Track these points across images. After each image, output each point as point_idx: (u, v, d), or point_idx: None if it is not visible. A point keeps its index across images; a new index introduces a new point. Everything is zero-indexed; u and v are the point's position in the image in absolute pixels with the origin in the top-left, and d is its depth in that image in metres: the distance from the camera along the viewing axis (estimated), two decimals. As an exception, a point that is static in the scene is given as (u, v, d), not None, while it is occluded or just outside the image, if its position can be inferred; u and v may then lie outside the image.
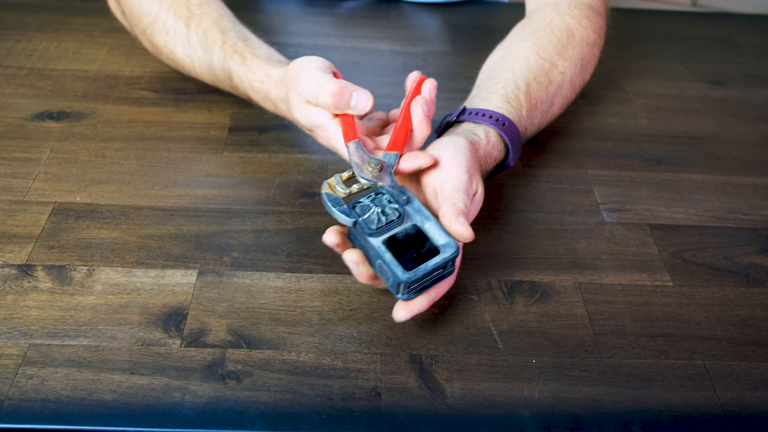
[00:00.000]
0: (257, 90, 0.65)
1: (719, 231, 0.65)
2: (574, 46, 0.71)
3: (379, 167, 0.53)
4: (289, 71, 0.59)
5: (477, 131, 0.60)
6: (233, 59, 0.66)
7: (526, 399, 0.50)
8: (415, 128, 0.56)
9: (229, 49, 0.67)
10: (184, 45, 0.70)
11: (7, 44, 0.83)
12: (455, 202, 0.51)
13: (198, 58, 0.70)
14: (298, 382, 0.50)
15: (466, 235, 0.49)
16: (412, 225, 0.51)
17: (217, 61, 0.68)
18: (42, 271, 0.56)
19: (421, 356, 0.52)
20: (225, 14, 0.70)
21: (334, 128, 0.56)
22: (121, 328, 0.52)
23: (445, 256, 0.49)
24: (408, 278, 0.48)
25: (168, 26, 0.70)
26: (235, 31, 0.68)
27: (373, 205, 0.51)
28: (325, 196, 0.51)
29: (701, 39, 0.97)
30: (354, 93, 0.54)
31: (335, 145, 0.57)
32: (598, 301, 0.57)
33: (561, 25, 0.71)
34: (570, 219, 0.65)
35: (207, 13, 0.69)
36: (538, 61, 0.67)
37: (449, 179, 0.53)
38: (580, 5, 0.74)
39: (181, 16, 0.70)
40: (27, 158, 0.67)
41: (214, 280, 0.56)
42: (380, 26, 0.92)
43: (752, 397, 0.51)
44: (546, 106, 0.68)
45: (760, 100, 0.84)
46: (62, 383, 0.48)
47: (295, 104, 0.58)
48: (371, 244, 0.50)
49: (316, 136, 0.59)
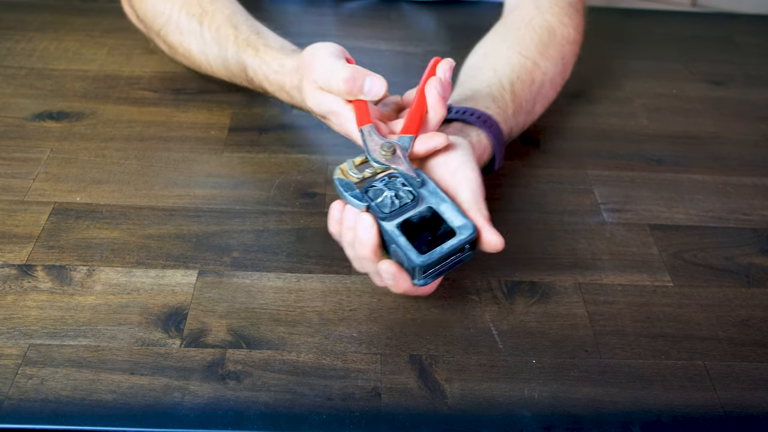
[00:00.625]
0: (272, 81, 0.65)
1: (719, 231, 0.65)
2: (555, 44, 0.70)
3: (392, 150, 0.51)
4: (303, 58, 0.58)
5: (470, 132, 0.59)
6: (246, 53, 0.66)
7: (526, 399, 0.50)
8: (429, 110, 0.54)
9: (242, 42, 0.67)
10: (199, 43, 0.70)
11: (7, 44, 0.83)
12: (480, 209, 0.50)
13: (213, 55, 0.70)
14: (298, 382, 0.50)
15: (499, 245, 0.49)
16: (427, 207, 0.50)
17: (231, 56, 0.68)
18: (42, 271, 0.56)
19: (421, 356, 0.52)
20: (237, 10, 0.70)
21: (347, 114, 0.54)
22: (121, 328, 0.52)
23: (462, 238, 0.48)
24: (423, 261, 0.47)
25: (182, 26, 0.71)
26: (247, 25, 0.68)
27: (387, 189, 0.50)
28: (337, 182, 0.50)
29: (701, 39, 0.97)
30: (367, 78, 0.53)
31: (348, 131, 0.55)
32: (598, 301, 0.57)
33: (542, 23, 0.71)
34: (570, 219, 0.65)
35: (219, 10, 0.69)
36: (520, 60, 0.67)
37: (465, 183, 0.51)
38: (560, 2, 0.73)
39: (194, 14, 0.70)
40: (27, 158, 0.67)
41: (214, 280, 0.56)
42: (380, 26, 0.92)
43: (752, 397, 0.51)
44: (529, 106, 0.67)
45: (760, 100, 0.84)
46: (62, 383, 0.48)
47: (308, 91, 0.57)
48: (385, 228, 0.48)
49: (330, 122, 0.58)
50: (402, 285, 0.49)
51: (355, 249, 0.50)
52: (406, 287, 0.49)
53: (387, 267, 0.48)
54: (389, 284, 0.50)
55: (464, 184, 0.51)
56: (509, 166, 0.70)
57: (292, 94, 0.63)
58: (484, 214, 0.50)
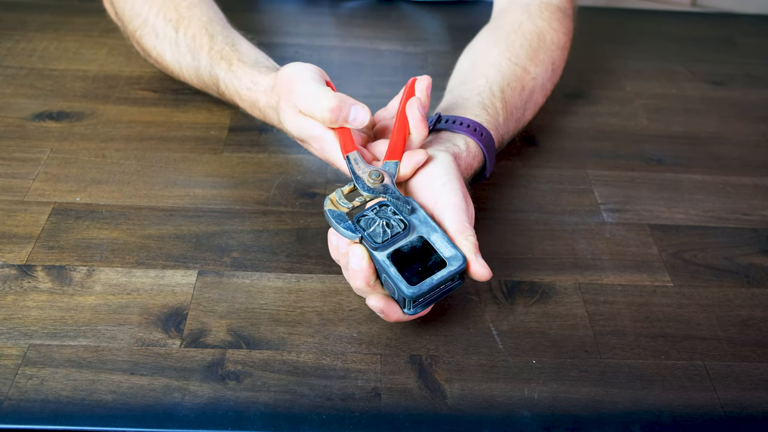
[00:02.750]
0: (243, 97, 0.63)
1: (719, 231, 0.65)
2: (545, 50, 0.70)
3: (380, 178, 0.51)
4: (280, 79, 0.57)
5: (457, 142, 0.58)
6: (219, 66, 0.65)
7: (526, 399, 0.50)
8: (412, 129, 0.54)
9: (216, 54, 0.65)
10: (173, 50, 0.69)
11: (7, 44, 0.83)
12: (467, 237, 0.49)
13: (186, 64, 0.69)
14: (297, 382, 0.50)
15: (486, 276, 0.48)
16: (418, 237, 0.50)
17: (204, 67, 0.67)
18: (42, 272, 0.56)
19: (421, 356, 0.52)
20: (215, 17, 0.69)
21: (330, 139, 0.54)
22: (120, 328, 0.52)
23: (452, 270, 0.48)
24: (413, 293, 0.47)
25: (157, 29, 0.69)
26: (223, 36, 0.67)
27: (378, 218, 0.50)
28: (328, 213, 0.50)
29: (701, 39, 0.97)
30: (353, 108, 0.53)
31: (330, 157, 0.55)
32: (598, 301, 0.57)
33: (532, 29, 0.70)
34: (570, 219, 0.65)
35: (196, 17, 0.68)
36: (510, 67, 0.66)
37: (449, 209, 0.51)
38: (550, 7, 0.73)
39: (170, 19, 0.68)
40: (27, 158, 0.67)
41: (213, 280, 0.56)
42: (380, 26, 0.92)
43: (752, 397, 0.51)
44: (519, 113, 0.67)
45: (761, 100, 0.84)
46: (62, 383, 0.48)
47: (287, 114, 0.56)
48: (377, 258, 0.49)
49: (309, 146, 0.58)
50: (392, 317, 0.50)
51: (349, 278, 0.51)
52: (397, 317, 0.50)
53: (374, 303, 0.49)
54: (381, 316, 0.51)
55: (449, 210, 0.51)
56: (509, 166, 0.70)
57: (266, 113, 0.62)
58: (471, 242, 0.49)
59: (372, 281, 0.49)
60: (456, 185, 0.52)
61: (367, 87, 0.80)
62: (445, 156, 0.54)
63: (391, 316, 0.50)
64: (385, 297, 0.50)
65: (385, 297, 0.50)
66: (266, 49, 0.68)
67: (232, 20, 0.71)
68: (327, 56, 0.86)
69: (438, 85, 0.80)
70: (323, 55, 0.86)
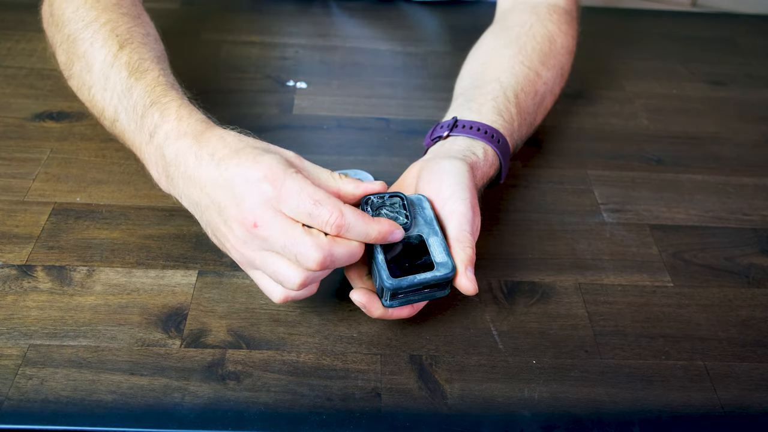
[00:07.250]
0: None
1: (720, 231, 0.65)
2: (556, 54, 0.69)
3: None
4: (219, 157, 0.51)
5: (476, 150, 0.57)
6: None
7: (526, 399, 0.50)
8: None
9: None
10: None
11: (7, 44, 0.83)
12: (464, 248, 0.49)
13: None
14: (297, 382, 0.50)
15: (471, 291, 0.48)
16: (417, 235, 0.50)
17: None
18: (42, 272, 0.56)
19: (421, 357, 0.52)
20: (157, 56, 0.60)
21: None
22: (120, 328, 0.52)
23: (436, 275, 0.48)
24: (390, 285, 0.47)
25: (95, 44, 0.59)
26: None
27: (384, 204, 0.50)
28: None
29: (701, 39, 0.97)
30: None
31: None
32: (598, 301, 0.57)
33: (543, 32, 0.69)
34: (570, 219, 0.65)
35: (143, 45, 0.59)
36: (524, 71, 0.66)
37: (454, 217, 0.50)
38: (558, 9, 0.73)
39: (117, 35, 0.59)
40: (27, 158, 0.67)
41: (213, 280, 0.56)
42: (380, 26, 0.92)
43: (752, 397, 0.51)
44: (531, 118, 0.66)
45: (761, 100, 0.84)
46: (62, 384, 0.48)
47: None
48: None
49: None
50: (374, 312, 0.50)
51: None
52: (379, 313, 0.50)
53: (357, 297, 0.50)
54: (363, 310, 0.50)
55: (452, 218, 0.51)
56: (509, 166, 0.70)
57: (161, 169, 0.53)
58: (467, 254, 0.49)
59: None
60: (465, 195, 0.52)
61: (367, 87, 0.80)
62: (461, 165, 0.54)
63: (373, 311, 0.50)
64: (367, 292, 0.50)
65: (368, 292, 0.50)
66: (266, 49, 0.68)
67: (232, 20, 0.71)
68: (327, 56, 0.86)
69: (437, 85, 0.81)
70: (323, 55, 0.86)
